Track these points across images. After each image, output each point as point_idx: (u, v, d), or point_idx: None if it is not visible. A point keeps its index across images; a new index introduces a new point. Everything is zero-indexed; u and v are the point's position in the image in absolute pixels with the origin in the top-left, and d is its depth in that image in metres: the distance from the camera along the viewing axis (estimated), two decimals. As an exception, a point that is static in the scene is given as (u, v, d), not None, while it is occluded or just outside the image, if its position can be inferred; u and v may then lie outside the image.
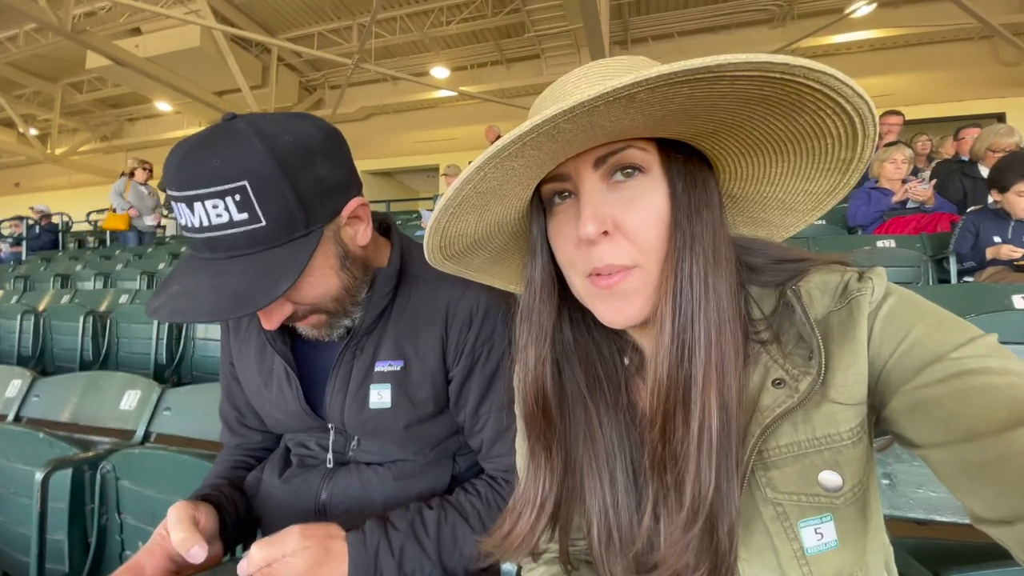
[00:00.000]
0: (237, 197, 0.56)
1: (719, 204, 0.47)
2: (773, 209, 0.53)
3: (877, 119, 0.39)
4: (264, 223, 0.58)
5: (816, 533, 0.42)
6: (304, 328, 0.72)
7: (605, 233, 0.44)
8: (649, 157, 0.45)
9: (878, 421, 0.44)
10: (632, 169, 0.45)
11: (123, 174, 6.48)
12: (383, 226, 0.82)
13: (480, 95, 8.46)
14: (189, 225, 0.58)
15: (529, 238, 0.52)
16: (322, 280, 0.66)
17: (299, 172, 0.60)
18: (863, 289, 0.43)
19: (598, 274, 0.45)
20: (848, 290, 0.44)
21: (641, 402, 0.53)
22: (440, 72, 9.35)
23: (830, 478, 0.42)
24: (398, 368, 0.75)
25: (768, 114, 0.40)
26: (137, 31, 8.27)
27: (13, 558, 1.27)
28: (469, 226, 0.49)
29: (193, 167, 0.56)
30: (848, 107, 0.38)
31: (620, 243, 0.44)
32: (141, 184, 6.38)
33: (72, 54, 8.45)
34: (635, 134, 0.44)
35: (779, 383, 0.43)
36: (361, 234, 0.70)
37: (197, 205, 0.56)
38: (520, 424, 0.53)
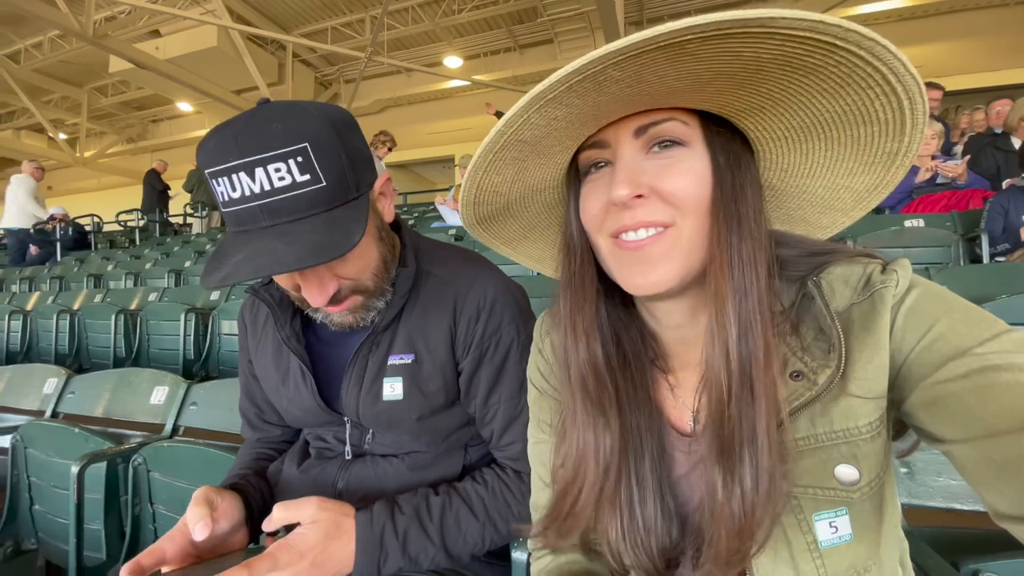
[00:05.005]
0: (299, 159, 0.58)
1: (760, 189, 0.46)
2: (812, 206, 0.52)
3: (927, 104, 0.38)
4: (325, 183, 0.60)
5: (831, 526, 0.42)
6: (339, 314, 0.71)
7: (639, 197, 0.43)
8: (691, 131, 0.44)
9: (898, 415, 0.43)
10: (672, 142, 0.44)
11: None
12: (393, 222, 0.83)
13: (493, 83, 8.41)
14: (248, 193, 0.59)
15: (567, 205, 0.52)
16: (368, 248, 0.69)
17: (347, 137, 0.63)
18: (887, 281, 0.42)
19: (624, 233, 0.45)
20: (871, 282, 0.43)
21: (659, 395, 0.53)
22: (453, 61, 9.32)
23: (847, 472, 0.42)
24: (409, 361, 0.76)
25: (815, 89, 0.39)
26: (156, 33, 8.44)
27: (54, 546, 1.33)
28: (505, 183, 0.49)
29: (254, 135, 0.58)
30: (899, 87, 0.36)
31: (655, 204, 0.44)
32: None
33: (96, 59, 8.68)
34: (679, 100, 0.43)
35: (797, 375, 0.43)
36: (388, 210, 0.74)
37: (259, 171, 0.58)
38: (571, 400, 0.51)
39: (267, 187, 0.58)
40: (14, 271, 6.46)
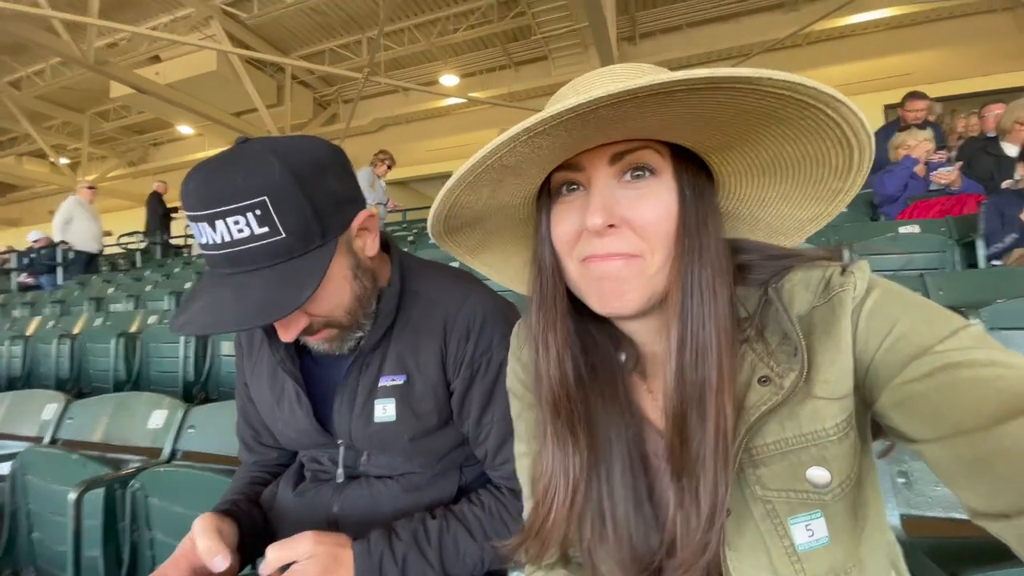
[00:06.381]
0: (258, 212, 0.59)
1: (720, 218, 0.48)
2: (760, 231, 0.55)
3: (874, 153, 0.42)
4: (283, 235, 0.60)
5: (807, 530, 0.42)
6: (316, 343, 0.73)
7: (611, 227, 0.45)
8: (663, 161, 0.46)
9: (872, 416, 0.44)
10: (644, 170, 0.46)
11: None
12: (382, 242, 0.84)
13: (489, 100, 8.50)
14: (211, 242, 0.61)
15: (538, 226, 0.52)
16: (337, 290, 0.68)
17: (313, 186, 0.63)
18: (845, 284, 0.43)
19: (594, 262, 0.46)
20: (830, 286, 0.44)
21: (640, 400, 0.54)
22: (449, 80, 9.43)
23: (818, 474, 0.42)
24: (401, 382, 0.76)
25: (782, 136, 0.42)
26: (157, 59, 8.56)
27: (53, 575, 1.32)
28: (479, 201, 0.50)
29: (214, 186, 0.59)
30: (853, 140, 0.40)
31: (627, 235, 0.45)
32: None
33: (97, 84, 8.79)
34: (656, 135, 0.45)
35: (765, 380, 0.44)
36: (370, 245, 0.73)
37: (219, 222, 0.59)
38: (542, 415, 0.53)
39: (227, 238, 0.59)
40: (15, 295, 6.48)
